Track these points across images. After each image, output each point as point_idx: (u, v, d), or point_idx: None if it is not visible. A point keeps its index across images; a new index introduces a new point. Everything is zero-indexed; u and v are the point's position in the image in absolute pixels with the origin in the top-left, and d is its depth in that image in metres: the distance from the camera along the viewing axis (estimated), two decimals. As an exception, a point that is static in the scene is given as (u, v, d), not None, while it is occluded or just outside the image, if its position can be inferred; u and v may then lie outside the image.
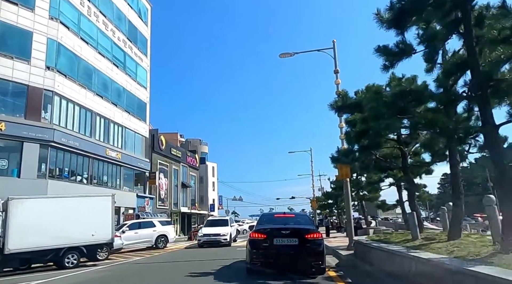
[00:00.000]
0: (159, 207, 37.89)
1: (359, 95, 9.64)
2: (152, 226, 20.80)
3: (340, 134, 13.81)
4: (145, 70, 36.91)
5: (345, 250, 13.04)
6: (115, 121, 30.03)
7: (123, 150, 31.01)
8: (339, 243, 17.42)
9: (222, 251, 16.33)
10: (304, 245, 7.56)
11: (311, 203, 38.59)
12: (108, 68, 29.57)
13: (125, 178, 31.81)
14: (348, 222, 13.35)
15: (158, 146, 38.80)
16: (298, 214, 13.12)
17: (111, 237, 13.34)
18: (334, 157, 11.63)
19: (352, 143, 10.35)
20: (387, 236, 9.93)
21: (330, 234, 24.26)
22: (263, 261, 7.71)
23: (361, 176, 24.96)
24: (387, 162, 11.29)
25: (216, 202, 64.03)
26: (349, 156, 10.68)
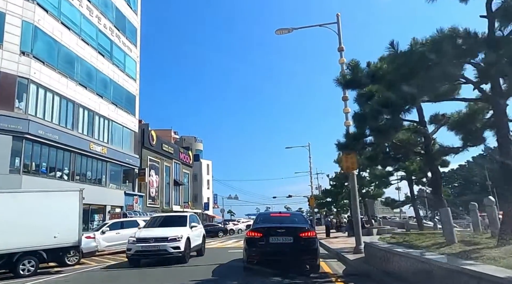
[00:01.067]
0: (150, 206, 36.01)
1: (373, 66, 7.85)
2: (136, 225, 18.81)
3: (346, 120, 12.03)
4: (134, 61, 34.96)
5: (351, 253, 11.28)
6: (100, 114, 28.09)
7: (109, 144, 29.08)
8: (342, 244, 15.64)
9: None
10: (299, 243, 7.79)
11: (309, 200, 36.84)
12: (93, 57, 27.61)
13: (112, 175, 29.89)
14: (355, 221, 11.57)
15: (149, 141, 36.90)
16: (293, 213, 13.50)
17: (78, 239, 11.40)
18: (341, 143, 9.82)
19: (363, 125, 8.55)
20: (406, 238, 8.17)
21: (330, 234, 22.45)
22: (259, 258, 7.97)
23: (363, 171, 23.28)
24: (406, 148, 9.46)
25: (211, 201, 62.18)
26: (360, 141, 8.87)
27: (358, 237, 11.35)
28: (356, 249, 11.21)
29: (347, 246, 14.51)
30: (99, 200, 26.97)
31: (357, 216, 11.58)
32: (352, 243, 16.60)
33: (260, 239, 7.97)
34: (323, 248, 15.62)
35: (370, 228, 21.79)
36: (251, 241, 8.15)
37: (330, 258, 11.85)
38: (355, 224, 11.57)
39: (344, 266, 9.69)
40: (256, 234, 8.12)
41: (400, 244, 7.33)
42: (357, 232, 11.39)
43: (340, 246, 14.68)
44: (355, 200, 11.64)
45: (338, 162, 23.23)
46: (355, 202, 11.64)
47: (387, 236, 10.19)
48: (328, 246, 15.55)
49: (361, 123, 8.65)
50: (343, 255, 11.03)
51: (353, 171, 11.80)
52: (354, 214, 11.64)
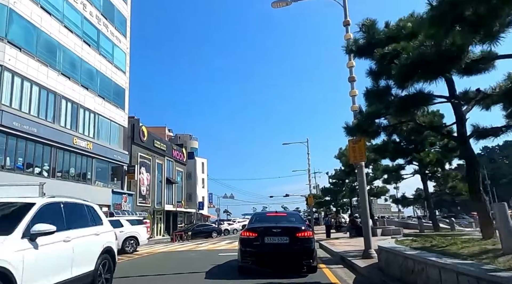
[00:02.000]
0: (140, 205, 34.27)
1: (395, 26, 6.21)
2: (119, 226, 17.12)
3: (352, 105, 10.40)
4: (123, 52, 33.20)
5: (359, 258, 9.64)
6: (85, 107, 26.32)
7: (95, 139, 27.33)
8: (346, 247, 14.02)
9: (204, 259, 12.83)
10: (295, 243, 7.59)
11: (308, 199, 35.21)
12: (77, 46, 25.84)
13: (99, 172, 28.14)
14: (365, 221, 9.93)
15: (139, 137, 35.13)
16: (290, 212, 12.78)
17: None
18: (349, 126, 8.16)
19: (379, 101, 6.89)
20: (432, 242, 6.55)
21: (330, 234, 20.82)
22: (254, 259, 7.76)
23: (366, 168, 21.68)
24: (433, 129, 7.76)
25: (206, 200, 60.43)
26: (373, 122, 7.22)
27: (368, 239, 9.71)
28: (366, 254, 9.58)
29: (352, 249, 12.88)
30: (84, 199, 25.20)
31: (366, 214, 9.95)
32: (357, 245, 15.01)
33: (255, 239, 7.77)
34: (325, 251, 14.00)
35: (374, 228, 20.19)
36: (245, 241, 7.93)
37: (335, 264, 10.21)
38: (365, 224, 9.93)
39: (354, 275, 8.05)
40: (251, 234, 7.92)
41: (430, 250, 5.71)
42: (367, 233, 9.76)
43: (344, 249, 13.06)
44: (364, 196, 10.00)
45: (340, 157, 21.65)
46: (363, 199, 10.00)
47: (403, 239, 8.55)
48: (331, 248, 13.92)
49: (377, 99, 7.01)
50: (350, 261, 9.38)
51: (362, 162, 10.16)
52: (363, 212, 10.01)
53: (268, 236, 7.71)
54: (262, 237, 7.71)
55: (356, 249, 12.96)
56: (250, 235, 7.91)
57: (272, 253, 7.65)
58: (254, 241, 7.77)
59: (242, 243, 7.99)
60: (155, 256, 15.07)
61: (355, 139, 10.20)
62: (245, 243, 7.91)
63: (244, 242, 7.95)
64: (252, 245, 7.76)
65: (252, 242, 7.78)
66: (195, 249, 17.42)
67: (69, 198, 6.09)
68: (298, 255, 7.64)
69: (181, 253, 15.78)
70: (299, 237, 7.69)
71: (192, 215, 50.00)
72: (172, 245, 21.68)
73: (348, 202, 37.55)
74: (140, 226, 18.03)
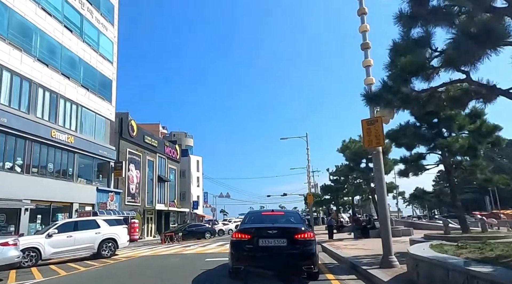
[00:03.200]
0: (128, 204, 32.19)
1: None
2: (95, 226, 15.20)
3: (366, 77, 8.42)
4: (110, 41, 31.08)
5: (376, 267, 7.67)
6: (66, 97, 24.21)
7: (78, 133, 25.23)
8: (354, 250, 12.05)
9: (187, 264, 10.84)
10: (293, 246, 6.70)
11: (307, 197, 33.22)
12: (57, 31, 23.74)
13: (82, 168, 26.03)
14: (383, 221, 7.94)
15: (128, 132, 33.03)
16: (288, 211, 11.33)
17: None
18: (371, 93, 6.13)
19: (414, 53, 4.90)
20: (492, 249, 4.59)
21: (333, 235, 18.82)
22: (247, 265, 6.84)
23: (370, 162, 19.67)
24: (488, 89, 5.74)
25: (201, 199, 58.35)
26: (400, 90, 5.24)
27: (387, 243, 7.73)
28: (385, 261, 7.60)
29: (362, 254, 10.93)
30: (64, 197, 23.19)
31: (385, 212, 7.96)
32: (368, 248, 13.03)
33: (248, 242, 6.83)
34: (331, 256, 12.01)
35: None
36: (237, 244, 6.98)
37: (346, 274, 8.23)
38: (383, 223, 7.95)
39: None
40: (243, 235, 6.97)
41: (497, 263, 3.74)
42: (386, 236, 7.77)
43: (353, 253, 11.09)
44: (381, 189, 8.02)
45: (343, 150, 19.68)
46: (381, 192, 8.02)
47: (439, 244, 6.57)
48: (336, 252, 11.93)
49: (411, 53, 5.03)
50: (365, 270, 7.40)
51: (379, 148, 8.19)
52: (381, 209, 8.00)
53: (262, 238, 6.77)
54: (256, 239, 6.77)
55: (367, 254, 11.00)
56: (242, 237, 6.94)
57: (268, 258, 6.68)
58: (246, 244, 6.80)
59: (233, 246, 7.05)
60: (133, 261, 13.04)
61: (370, 120, 8.24)
62: (237, 246, 6.95)
63: (235, 245, 6.99)
64: (244, 249, 6.80)
65: (244, 245, 6.82)
66: (181, 252, 15.41)
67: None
68: (297, 260, 6.71)
69: (163, 257, 13.76)
70: (298, 239, 6.76)
71: (186, 215, 47.90)
72: (158, 247, 19.63)
73: (349, 200, 35.69)
74: (120, 227, 15.99)
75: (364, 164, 19.71)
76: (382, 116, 8.13)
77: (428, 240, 9.55)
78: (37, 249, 13.33)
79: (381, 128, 8.04)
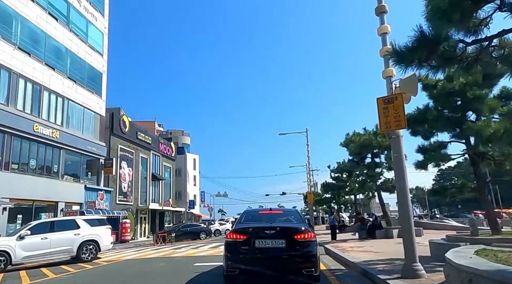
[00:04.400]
0: (120, 203, 30.70)
1: None
2: (74, 227, 13.72)
3: (383, 46, 6.99)
4: (100, 32, 29.57)
5: (397, 277, 6.23)
6: (51, 89, 22.71)
7: (64, 127, 23.74)
8: (363, 254, 10.60)
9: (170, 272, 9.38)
10: (292, 248, 6.17)
11: (307, 196, 31.78)
12: (41, 18, 22.23)
13: (68, 165, 24.55)
14: (406, 216, 6.47)
15: (119, 128, 31.53)
16: (287, 210, 10.40)
17: None
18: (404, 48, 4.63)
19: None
20: None
21: (336, 236, 17.36)
22: (243, 268, 6.23)
23: (377, 157, 18.32)
24: None
25: (198, 198, 56.85)
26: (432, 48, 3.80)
27: (411, 248, 6.27)
28: (409, 270, 6.15)
29: (374, 258, 9.47)
30: (48, 195, 21.71)
31: (407, 208, 6.49)
32: (378, 251, 11.51)
33: (244, 243, 6.31)
34: (336, 260, 10.54)
35: (389, 229, 16.84)
36: (232, 245, 6.50)
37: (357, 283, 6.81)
38: (405, 223, 6.49)
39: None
40: (238, 236, 6.45)
41: None
42: (409, 238, 6.32)
43: (363, 257, 9.64)
44: (403, 180, 6.54)
45: (347, 144, 18.24)
46: (403, 184, 6.53)
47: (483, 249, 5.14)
48: (342, 255, 10.49)
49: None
50: (386, 282, 5.94)
51: (399, 131, 6.73)
52: (402, 205, 6.51)
53: (259, 238, 6.26)
54: (252, 240, 6.25)
55: (380, 258, 9.54)
56: (238, 237, 6.39)
57: (265, 260, 6.16)
58: (242, 245, 6.27)
59: (227, 247, 6.54)
60: (113, 266, 11.57)
61: (388, 97, 6.81)
62: (231, 248, 6.44)
63: (230, 247, 6.48)
64: (239, 250, 6.27)
65: (239, 246, 6.29)
66: (169, 255, 13.93)
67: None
68: (297, 262, 6.21)
69: (148, 261, 12.29)
70: (298, 240, 6.26)
71: (181, 215, 46.39)
72: (147, 249, 18.15)
73: (350, 199, 34.29)
74: (103, 227, 14.50)
75: (370, 159, 18.30)
76: (403, 93, 6.70)
77: (453, 242, 8.12)
78: (7, 252, 11.88)
79: (402, 107, 6.60)
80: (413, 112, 9.05)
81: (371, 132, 17.60)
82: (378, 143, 17.08)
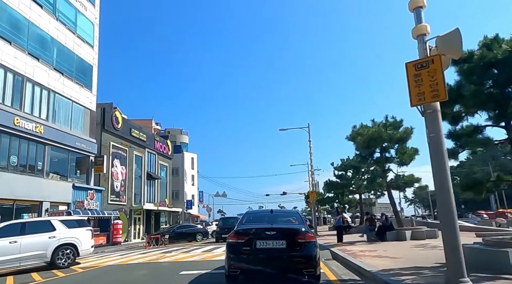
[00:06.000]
0: (112, 203, 29.17)
1: None
2: (48, 229, 12.15)
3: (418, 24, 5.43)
4: (91, 22, 28.02)
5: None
6: (34, 81, 21.17)
7: (49, 122, 22.19)
8: (380, 260, 9.00)
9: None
10: (293, 248, 6.28)
11: (309, 195, 30.19)
12: (23, 4, 20.70)
13: (55, 162, 23.01)
14: (448, 219, 4.87)
15: (112, 124, 30.01)
16: (288, 211, 10.90)
17: None
18: None
19: None
20: None
21: (343, 238, 15.77)
22: (244, 269, 6.31)
23: (388, 150, 16.77)
24: None
25: (196, 198, 55.28)
26: None
27: (456, 256, 4.70)
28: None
29: (393, 265, 7.89)
30: (31, 195, 20.17)
31: (450, 202, 4.89)
32: (393, 256, 9.92)
33: (245, 244, 6.35)
34: (346, 267, 8.97)
35: (400, 231, 15.26)
36: (233, 246, 6.49)
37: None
38: (447, 222, 4.88)
39: None
40: (239, 237, 6.49)
41: None
42: (453, 243, 4.74)
43: (380, 264, 8.06)
44: (443, 168, 4.94)
45: (354, 138, 16.65)
46: (443, 172, 4.92)
47: None
48: (353, 261, 8.92)
49: None
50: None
51: (436, 104, 5.15)
52: (442, 198, 4.90)
53: (260, 239, 6.37)
54: (254, 241, 6.37)
55: (400, 265, 7.95)
56: (239, 238, 6.54)
57: (266, 261, 6.23)
58: (243, 246, 6.39)
59: (229, 248, 6.63)
60: (88, 275, 10.01)
61: (421, 61, 5.25)
62: (233, 249, 6.53)
63: (231, 248, 6.57)
64: (241, 251, 6.37)
65: (241, 247, 6.40)
66: (156, 260, 12.36)
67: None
68: (297, 263, 6.28)
69: (130, 268, 10.73)
70: (298, 241, 6.37)
71: (178, 215, 44.85)
72: (135, 253, 16.56)
73: (355, 198, 32.70)
74: (82, 229, 12.94)
75: (379, 153, 16.74)
76: (442, 55, 5.14)
77: (495, 248, 6.55)
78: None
79: (441, 73, 5.03)
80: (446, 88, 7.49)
81: (381, 124, 16.03)
82: (388, 135, 15.52)
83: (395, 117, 16.13)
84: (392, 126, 15.76)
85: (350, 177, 24.08)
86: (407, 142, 16.16)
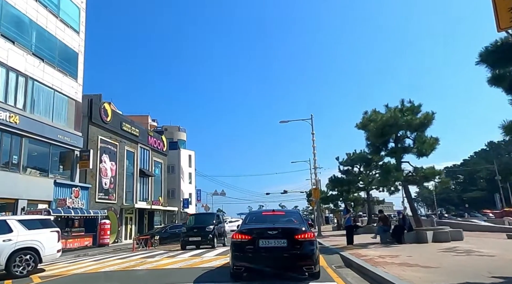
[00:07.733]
0: (100, 201, 27.13)
1: None
2: (3, 230, 10.09)
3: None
4: (76, 6, 25.97)
5: None
6: (9, 66, 19.14)
7: (27, 112, 20.17)
8: (408, 269, 6.89)
9: None
10: (293, 247, 6.63)
11: (312, 193, 28.13)
12: (-5, -19, 18.67)
13: (34, 156, 21.00)
14: None
15: (100, 116, 27.96)
16: (288, 211, 10.57)
17: None
18: None
19: None
20: None
21: (353, 240, 13.70)
22: (247, 266, 6.75)
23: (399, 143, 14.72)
24: None
25: (194, 197, 53.22)
26: None
27: None
28: None
29: (434, 279, 5.81)
30: (5, 191, 18.16)
31: None
32: (424, 264, 7.63)
33: (248, 243, 6.73)
34: (367, 279, 6.87)
35: (420, 232, 13.20)
36: (237, 245, 6.90)
37: None
38: None
39: None
40: (243, 236, 6.86)
41: None
42: None
43: (414, 277, 5.97)
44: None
45: (365, 125, 14.58)
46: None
47: None
48: (375, 271, 6.90)
49: None
50: None
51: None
52: None
53: (263, 238, 6.67)
54: (256, 240, 6.67)
55: (443, 279, 5.86)
56: (243, 237, 6.81)
57: (268, 258, 6.59)
58: (247, 245, 6.70)
59: (233, 246, 6.96)
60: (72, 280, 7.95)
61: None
62: (237, 247, 6.84)
63: (236, 246, 6.89)
64: (244, 249, 6.68)
65: (244, 245, 6.71)
66: (133, 267, 10.27)
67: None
68: (297, 260, 6.59)
69: (98, 278, 8.69)
70: (298, 240, 6.63)
71: (174, 215, 42.79)
72: (115, 256, 14.48)
73: (360, 196, 30.66)
74: (46, 231, 10.88)
75: (393, 143, 14.67)
76: None
77: None
78: None
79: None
80: (497, 42, 5.50)
81: (396, 109, 13.95)
82: (406, 121, 13.46)
83: (413, 101, 14.07)
84: (410, 111, 13.69)
85: (357, 173, 22.05)
86: (426, 130, 14.10)
